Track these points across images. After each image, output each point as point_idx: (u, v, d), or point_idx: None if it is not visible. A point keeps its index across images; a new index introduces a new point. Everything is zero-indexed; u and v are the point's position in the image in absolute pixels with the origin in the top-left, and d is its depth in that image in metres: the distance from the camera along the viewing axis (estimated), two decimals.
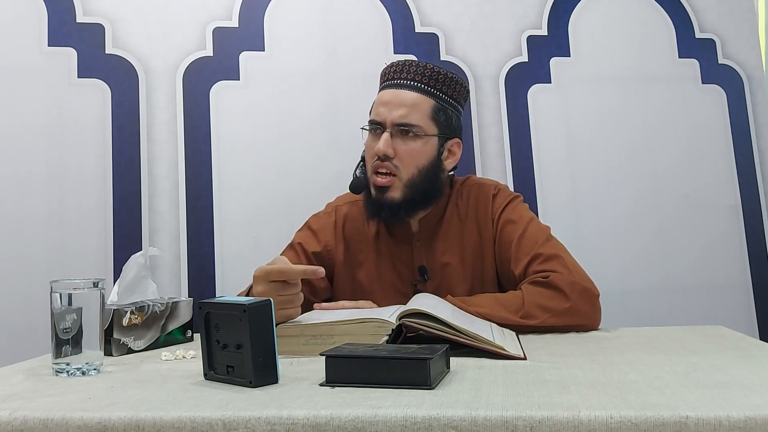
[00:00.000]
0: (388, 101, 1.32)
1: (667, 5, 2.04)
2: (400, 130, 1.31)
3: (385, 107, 1.32)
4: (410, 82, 1.33)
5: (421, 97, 1.32)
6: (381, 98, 1.34)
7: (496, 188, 1.41)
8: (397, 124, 1.30)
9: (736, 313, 1.92)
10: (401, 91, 1.32)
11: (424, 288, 1.34)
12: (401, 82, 1.33)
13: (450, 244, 1.37)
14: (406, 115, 1.30)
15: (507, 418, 0.62)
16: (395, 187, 1.31)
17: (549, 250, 1.27)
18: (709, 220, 1.96)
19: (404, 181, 1.31)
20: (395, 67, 1.36)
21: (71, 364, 0.89)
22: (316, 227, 1.42)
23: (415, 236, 1.38)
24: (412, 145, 1.31)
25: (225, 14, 1.91)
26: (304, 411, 0.65)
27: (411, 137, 1.31)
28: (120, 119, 1.83)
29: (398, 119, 1.30)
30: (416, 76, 1.33)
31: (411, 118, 1.30)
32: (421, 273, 1.36)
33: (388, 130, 1.31)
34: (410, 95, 1.32)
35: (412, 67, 1.34)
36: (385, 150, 1.29)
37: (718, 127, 2.00)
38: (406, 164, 1.31)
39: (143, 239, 1.79)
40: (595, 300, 1.21)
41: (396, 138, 1.31)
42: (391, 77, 1.36)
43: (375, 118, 1.33)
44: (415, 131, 1.31)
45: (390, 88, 1.34)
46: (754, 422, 0.59)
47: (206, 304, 0.83)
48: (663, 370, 0.81)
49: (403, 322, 0.95)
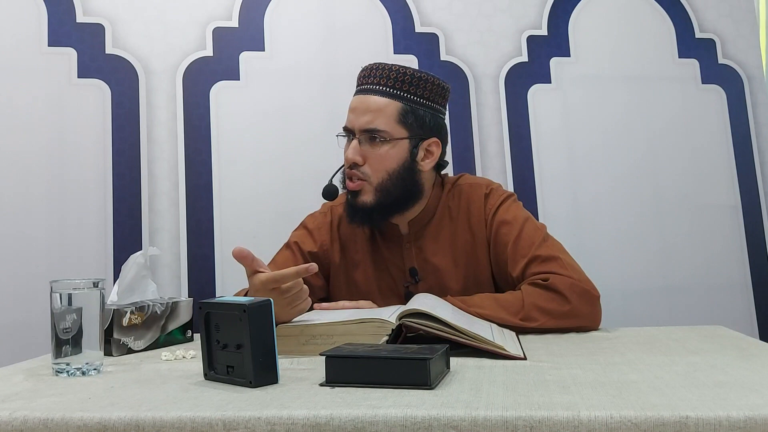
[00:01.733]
0: (355, 107, 1.34)
1: (667, 5, 2.04)
2: (367, 136, 1.31)
3: (353, 114, 1.33)
4: (376, 87, 1.33)
5: (386, 101, 1.31)
6: (351, 105, 1.35)
7: (488, 187, 1.39)
8: (363, 131, 1.31)
9: (736, 313, 1.92)
10: (368, 96, 1.33)
11: (415, 290, 1.33)
12: (368, 87, 1.34)
13: (441, 244, 1.36)
14: (371, 120, 1.30)
15: (507, 418, 0.62)
16: (366, 191, 1.31)
17: (547, 252, 1.26)
18: (709, 220, 1.96)
19: (374, 185, 1.31)
20: (364, 71, 1.36)
21: (71, 364, 0.89)
22: (312, 227, 1.42)
23: (405, 238, 1.38)
24: (380, 151, 1.31)
25: (225, 14, 1.91)
26: (304, 411, 0.65)
27: (378, 143, 1.31)
28: (120, 119, 1.83)
29: (364, 125, 1.31)
30: (381, 80, 1.33)
31: (376, 124, 1.30)
32: (411, 275, 1.35)
33: (357, 137, 1.32)
34: (376, 100, 1.31)
35: (378, 71, 1.33)
36: (353, 158, 1.30)
37: (718, 127, 2.00)
38: (375, 169, 1.31)
39: (143, 239, 1.79)
40: (595, 301, 1.21)
41: (364, 144, 1.31)
42: (360, 83, 1.37)
43: (346, 125, 1.35)
44: (382, 136, 1.30)
45: (358, 94, 1.35)
46: (754, 422, 0.59)
47: (206, 304, 0.83)
48: (663, 370, 0.81)
49: (403, 322, 0.95)
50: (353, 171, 1.31)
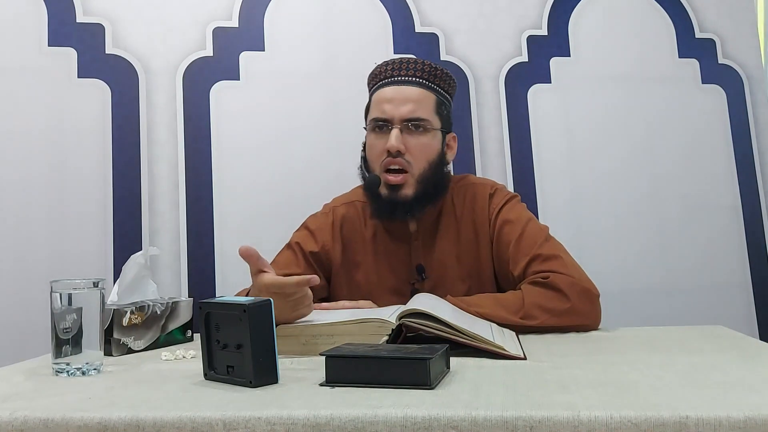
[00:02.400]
0: (392, 98, 1.32)
1: (667, 5, 2.04)
2: (409, 125, 1.31)
3: (390, 104, 1.32)
4: (412, 78, 1.33)
5: (424, 92, 1.33)
6: (383, 96, 1.34)
7: (493, 188, 1.40)
8: (406, 120, 1.31)
9: (736, 313, 1.92)
10: (404, 87, 1.33)
11: (421, 287, 1.34)
12: (403, 79, 1.34)
13: (446, 242, 1.36)
14: (414, 110, 1.31)
15: (507, 418, 0.62)
16: (408, 185, 1.31)
17: (548, 251, 1.27)
18: (709, 221, 1.96)
19: (416, 176, 1.31)
20: (392, 65, 1.36)
21: (71, 364, 0.89)
22: (314, 227, 1.42)
23: (413, 235, 1.38)
24: (422, 140, 1.32)
25: (225, 14, 1.91)
26: (304, 411, 0.65)
27: (420, 132, 1.32)
28: (120, 119, 1.83)
29: (407, 114, 1.31)
30: (417, 72, 1.34)
31: (420, 113, 1.32)
32: (418, 272, 1.36)
33: (397, 126, 1.31)
34: (414, 90, 1.33)
35: (411, 64, 1.35)
36: (398, 146, 1.29)
37: (718, 127, 2.00)
38: (417, 159, 1.31)
39: (143, 239, 1.79)
40: (595, 300, 1.21)
41: (405, 133, 1.31)
42: (389, 75, 1.36)
43: (380, 116, 1.33)
44: (424, 125, 1.32)
45: (390, 86, 1.34)
46: (754, 422, 0.59)
47: (206, 304, 0.83)
48: (663, 370, 0.81)
49: (403, 322, 0.95)
50: (396, 159, 1.30)
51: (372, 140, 1.35)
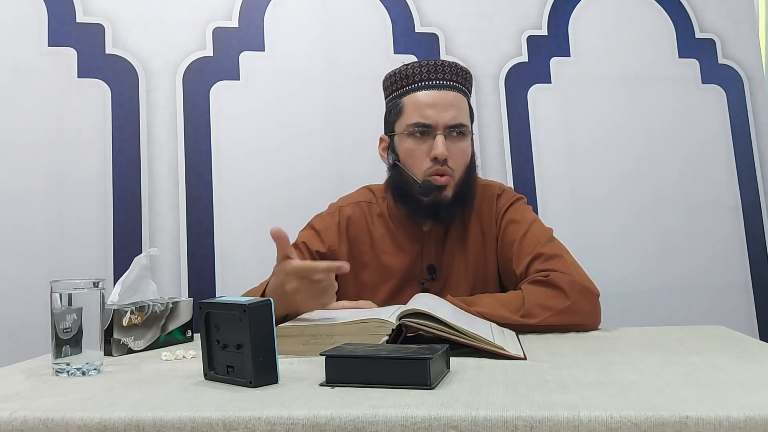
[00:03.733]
0: (434, 103, 1.31)
1: (667, 5, 2.04)
2: (453, 132, 1.31)
3: (432, 109, 1.31)
4: (449, 82, 1.33)
5: (459, 97, 1.34)
6: (423, 100, 1.32)
7: (500, 189, 1.42)
8: (450, 126, 1.31)
9: (736, 313, 1.92)
10: (445, 92, 1.32)
11: (431, 286, 1.35)
12: (441, 83, 1.33)
13: (455, 243, 1.38)
14: (456, 116, 1.31)
15: (507, 418, 0.62)
16: (449, 187, 1.32)
17: (550, 250, 1.28)
18: (709, 221, 1.96)
19: (456, 180, 1.32)
20: (426, 67, 1.34)
21: (71, 364, 0.89)
22: (320, 227, 1.42)
23: (426, 235, 1.38)
24: (461, 145, 1.33)
25: (225, 14, 1.91)
26: (304, 411, 0.65)
27: (459, 137, 1.32)
28: (120, 119, 1.83)
29: (451, 121, 1.31)
30: (453, 76, 1.34)
31: (461, 118, 1.32)
32: (430, 272, 1.36)
33: (441, 132, 1.30)
34: (454, 96, 1.33)
35: (447, 67, 1.34)
36: (447, 154, 1.29)
37: (718, 127, 2.00)
38: (458, 165, 1.32)
39: (143, 239, 1.79)
40: (594, 299, 1.21)
41: (447, 140, 1.31)
42: (426, 77, 1.34)
43: (423, 121, 1.31)
44: (464, 131, 1.33)
45: (428, 89, 1.33)
46: (754, 422, 0.59)
47: (206, 304, 0.83)
48: (663, 370, 0.81)
49: (403, 322, 0.95)
50: (443, 167, 1.30)
51: (411, 145, 1.33)
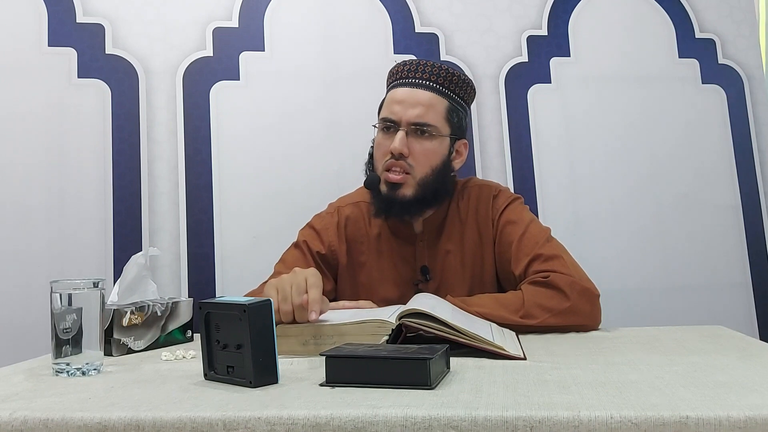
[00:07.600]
0: (402, 99, 1.32)
1: (667, 5, 2.04)
2: (415, 129, 1.31)
3: (399, 105, 1.32)
4: (426, 82, 1.33)
5: (436, 98, 1.32)
6: (394, 96, 1.34)
7: (497, 190, 1.41)
8: (413, 123, 1.30)
9: (736, 313, 1.92)
10: (416, 90, 1.32)
11: (425, 287, 1.35)
12: (416, 81, 1.33)
13: (451, 244, 1.37)
14: (422, 114, 1.30)
15: (507, 418, 0.62)
16: (408, 185, 1.31)
17: (549, 251, 1.28)
18: (709, 220, 1.95)
19: (417, 179, 1.31)
20: (409, 65, 1.35)
21: (71, 364, 0.89)
22: (320, 227, 1.42)
23: (419, 236, 1.38)
24: (427, 145, 1.32)
25: (225, 14, 1.91)
26: (304, 411, 0.65)
27: (426, 137, 1.31)
28: (120, 119, 1.83)
29: (414, 118, 1.30)
30: (432, 76, 1.33)
31: (427, 118, 1.31)
32: (423, 273, 1.36)
33: (403, 128, 1.30)
34: (426, 95, 1.32)
35: (427, 68, 1.34)
36: (401, 149, 1.29)
37: (718, 127, 2.00)
38: (420, 163, 1.31)
39: (143, 239, 1.79)
40: (595, 300, 1.21)
41: (411, 137, 1.31)
42: (404, 76, 1.35)
43: (389, 116, 1.33)
44: (430, 131, 1.31)
45: (404, 87, 1.33)
46: (754, 422, 0.59)
47: (206, 304, 0.83)
48: (663, 370, 0.81)
49: (403, 322, 0.95)
50: (399, 162, 1.30)
51: (379, 139, 1.35)
